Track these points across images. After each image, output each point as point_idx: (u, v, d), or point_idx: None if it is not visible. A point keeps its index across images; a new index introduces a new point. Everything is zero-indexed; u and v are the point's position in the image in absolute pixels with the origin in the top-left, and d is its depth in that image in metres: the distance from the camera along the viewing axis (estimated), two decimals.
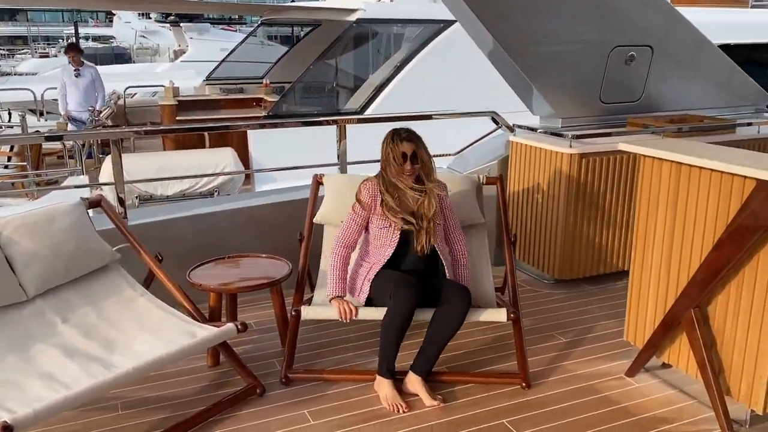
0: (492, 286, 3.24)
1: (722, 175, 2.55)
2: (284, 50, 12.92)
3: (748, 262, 2.49)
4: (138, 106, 11.31)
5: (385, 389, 2.81)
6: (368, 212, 3.01)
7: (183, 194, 7.08)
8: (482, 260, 3.36)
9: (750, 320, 2.51)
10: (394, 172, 2.98)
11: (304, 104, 8.54)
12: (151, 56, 30.88)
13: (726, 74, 4.83)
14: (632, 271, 3.05)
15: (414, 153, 2.97)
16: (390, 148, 2.99)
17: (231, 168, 7.23)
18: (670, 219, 2.82)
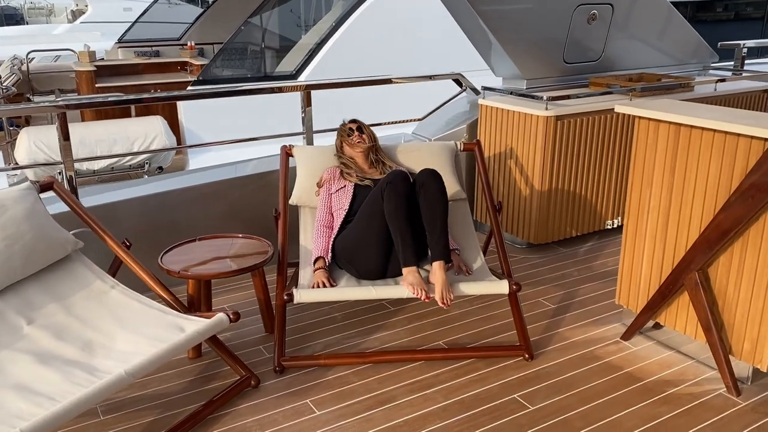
0: (483, 260, 3.14)
1: (726, 136, 2.53)
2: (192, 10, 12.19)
3: (754, 223, 2.50)
4: (44, 72, 10.38)
5: (410, 277, 2.77)
6: (328, 191, 3.17)
7: (111, 168, 6.58)
8: (469, 238, 3.24)
9: (755, 280, 2.53)
10: (347, 147, 3.28)
11: (236, 67, 8.07)
12: (46, 17, 28.55)
13: (678, 32, 4.88)
14: (625, 235, 3.03)
15: (359, 126, 3.31)
16: (339, 131, 3.36)
17: (161, 137, 6.75)
18: (667, 182, 2.79)
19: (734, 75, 4.98)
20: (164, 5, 12.36)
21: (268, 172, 3.82)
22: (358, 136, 3.26)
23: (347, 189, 3.15)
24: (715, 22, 11.22)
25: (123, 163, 6.64)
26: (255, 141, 4.13)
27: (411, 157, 3.40)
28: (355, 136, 3.26)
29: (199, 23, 10.66)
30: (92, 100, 3.60)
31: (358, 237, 2.93)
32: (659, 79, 4.48)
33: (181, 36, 10.68)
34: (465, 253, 3.16)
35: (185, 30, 10.75)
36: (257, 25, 8.44)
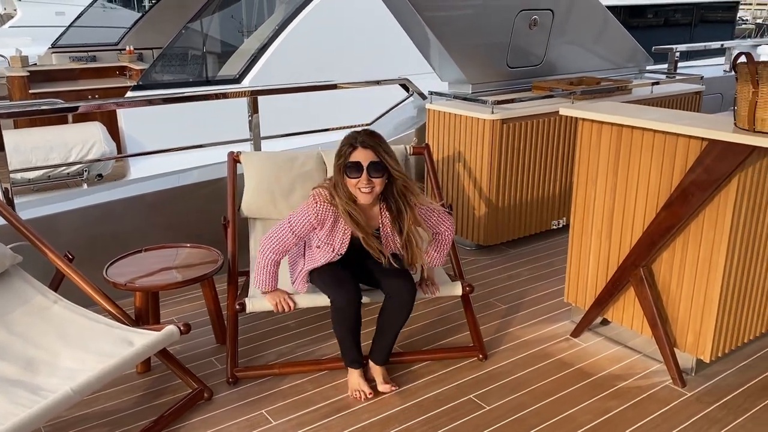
0: None
1: (665, 136, 2.62)
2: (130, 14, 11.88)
3: (694, 219, 2.60)
4: None
5: (351, 379, 2.67)
6: (313, 230, 2.59)
7: (48, 177, 6.33)
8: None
9: (696, 275, 2.63)
10: (344, 189, 2.51)
11: (177, 72, 7.89)
12: None
13: (615, 37, 5.05)
14: (572, 235, 3.10)
15: (373, 164, 2.44)
16: (339, 155, 2.51)
17: (100, 144, 6.56)
18: (611, 182, 2.87)
19: (668, 78, 5.18)
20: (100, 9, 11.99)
21: (216, 180, 3.75)
22: (367, 182, 2.44)
23: (345, 232, 2.56)
24: (646, 28, 11.65)
25: (60, 172, 6.40)
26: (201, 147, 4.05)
27: None
28: (362, 181, 2.44)
29: (138, 28, 10.39)
30: (27, 108, 3.46)
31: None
32: (599, 83, 4.62)
33: (118, 40, 10.39)
34: None
35: (123, 34, 10.46)
36: (197, 30, 8.28)
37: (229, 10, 8.68)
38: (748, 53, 2.31)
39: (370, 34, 8.18)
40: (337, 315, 2.59)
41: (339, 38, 8.14)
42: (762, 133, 2.27)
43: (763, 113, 2.26)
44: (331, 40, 8.12)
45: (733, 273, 2.59)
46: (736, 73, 2.34)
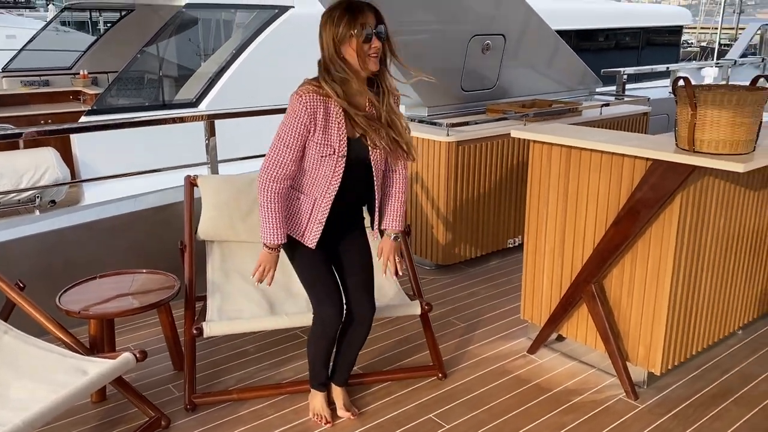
0: (396, 284, 3.18)
1: (612, 157, 2.72)
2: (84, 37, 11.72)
3: (641, 236, 2.69)
4: None
5: (314, 402, 2.66)
6: (307, 133, 2.26)
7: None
8: None
9: (645, 290, 2.73)
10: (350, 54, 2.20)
11: (133, 96, 7.81)
12: None
13: (565, 60, 5.21)
14: (526, 253, 3.17)
15: (379, 26, 2.20)
16: (344, 24, 2.17)
17: (53, 169, 6.42)
18: (561, 201, 2.96)
19: (617, 99, 5.37)
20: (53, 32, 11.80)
21: (172, 204, 3.72)
22: (376, 48, 2.21)
23: (337, 157, 2.28)
24: (597, 51, 12.03)
25: (11, 198, 6.24)
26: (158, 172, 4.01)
27: None
28: (375, 43, 2.20)
29: (92, 51, 10.26)
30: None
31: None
32: (550, 105, 4.75)
33: (72, 64, 10.24)
34: (378, 278, 3.19)
35: (77, 58, 10.32)
36: (154, 54, 8.23)
37: (187, 33, 8.65)
38: (686, 77, 2.43)
39: None
40: (321, 329, 2.48)
41: (298, 61, 8.17)
42: (701, 153, 2.39)
43: (702, 134, 2.38)
44: (290, 63, 8.16)
45: (680, 287, 2.69)
46: (676, 96, 2.45)
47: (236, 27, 8.63)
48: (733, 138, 2.34)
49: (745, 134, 2.35)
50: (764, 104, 2.38)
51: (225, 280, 3.07)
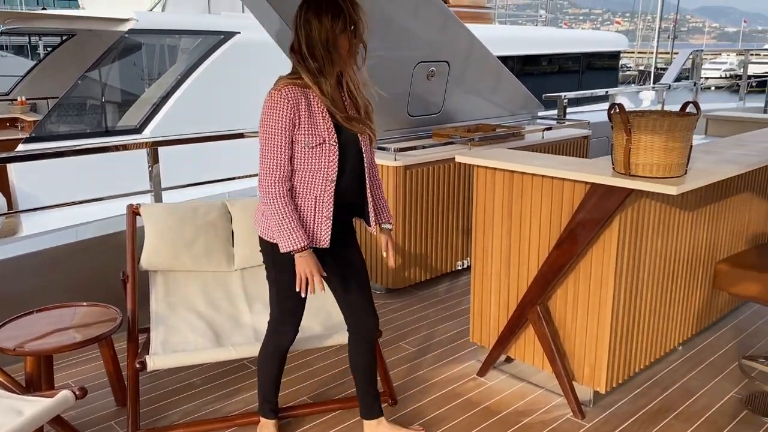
0: None
1: (553, 181, 2.80)
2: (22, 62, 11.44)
3: (583, 257, 2.76)
4: None
5: (265, 431, 2.60)
6: (293, 127, 2.17)
7: None
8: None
9: (588, 309, 2.79)
10: (343, 47, 2.16)
11: (74, 122, 7.63)
12: None
13: (508, 86, 5.35)
14: (473, 276, 3.21)
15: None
16: (348, 17, 2.14)
17: None
18: (506, 224, 3.02)
19: (558, 123, 5.53)
20: None
21: (114, 234, 3.63)
22: (364, 44, 2.26)
23: (328, 145, 2.21)
24: (541, 75, 12.41)
25: None
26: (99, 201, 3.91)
27: None
28: (363, 42, 2.24)
29: (31, 77, 10.01)
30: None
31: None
32: (494, 129, 4.86)
33: (10, 90, 9.95)
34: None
35: (15, 83, 10.04)
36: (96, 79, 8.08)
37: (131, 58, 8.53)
38: (620, 104, 2.53)
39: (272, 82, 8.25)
40: (273, 347, 2.47)
41: (244, 86, 8.15)
42: (637, 177, 2.47)
43: (637, 159, 2.47)
44: (236, 89, 8.13)
45: (621, 306, 2.77)
46: (611, 122, 2.55)
47: (181, 52, 8.56)
48: (666, 161, 2.44)
49: (677, 158, 2.45)
50: (693, 129, 2.49)
51: (169, 311, 3.00)
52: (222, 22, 8.32)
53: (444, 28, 4.65)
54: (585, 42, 13.40)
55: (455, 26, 4.88)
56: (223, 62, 8.17)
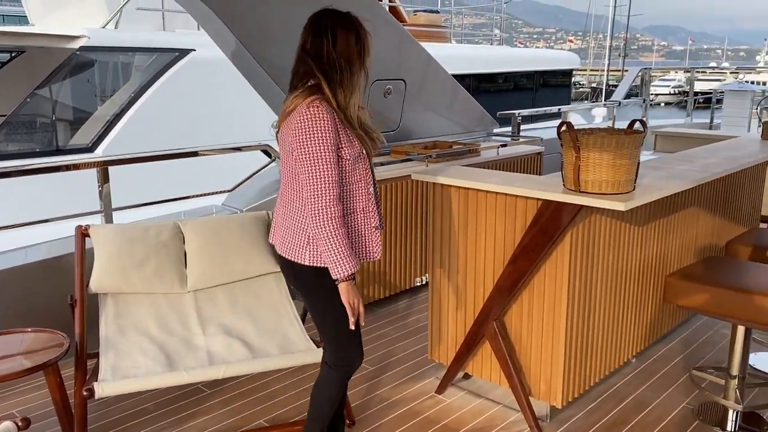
0: (302, 328, 3.13)
1: (506, 198, 2.83)
2: None
3: (537, 273, 2.80)
4: None
5: None
6: (339, 141, 2.12)
7: None
8: (284, 310, 3.21)
9: (543, 324, 2.82)
10: (356, 79, 2.16)
11: (23, 141, 7.41)
12: None
13: (464, 104, 5.42)
14: (431, 294, 3.22)
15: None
16: (357, 33, 2.16)
17: None
18: (462, 241, 3.03)
19: (513, 140, 5.62)
20: None
21: (62, 256, 3.52)
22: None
23: (363, 154, 2.21)
24: (497, 92, 12.62)
25: None
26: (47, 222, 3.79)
27: (220, 232, 3.33)
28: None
29: None
30: None
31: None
32: (451, 146, 4.91)
33: None
34: (282, 326, 3.13)
35: None
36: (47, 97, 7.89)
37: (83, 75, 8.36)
38: (569, 123, 2.58)
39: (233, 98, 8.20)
40: (341, 381, 2.37)
41: (201, 104, 8.07)
42: (586, 193, 2.52)
43: (586, 175, 2.51)
44: (193, 106, 8.04)
45: (575, 320, 2.80)
46: (561, 140, 2.59)
47: (135, 70, 8.43)
48: (614, 178, 2.49)
49: (625, 174, 2.51)
50: (640, 146, 2.55)
51: (119, 335, 2.91)
52: (177, 39, 8.22)
53: (400, 47, 4.70)
54: (539, 60, 13.70)
55: (411, 45, 4.94)
56: (178, 80, 8.07)
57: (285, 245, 2.24)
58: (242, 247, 3.32)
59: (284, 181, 2.24)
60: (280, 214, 2.28)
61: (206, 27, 4.11)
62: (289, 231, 2.22)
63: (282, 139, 2.20)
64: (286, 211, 2.24)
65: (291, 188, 2.20)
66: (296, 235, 2.20)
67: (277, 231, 2.30)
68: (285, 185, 2.24)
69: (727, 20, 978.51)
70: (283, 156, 2.22)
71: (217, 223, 3.38)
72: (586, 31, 60.31)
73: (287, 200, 2.23)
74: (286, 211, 2.24)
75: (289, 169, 2.17)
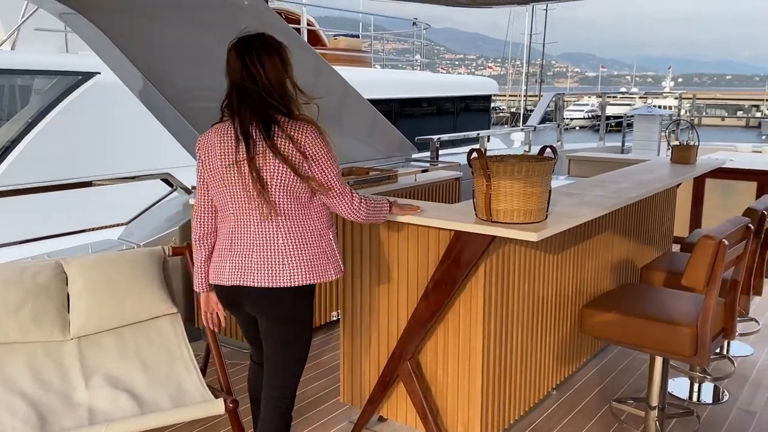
0: (199, 377, 2.85)
1: (418, 228, 2.67)
2: None
3: (451, 308, 2.64)
4: None
5: None
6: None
7: None
8: (179, 356, 2.92)
9: (459, 363, 2.66)
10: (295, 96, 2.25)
11: None
12: None
13: (381, 129, 5.29)
14: (342, 331, 3.01)
15: None
16: (279, 54, 2.22)
17: None
18: (375, 275, 2.85)
19: (431, 165, 5.52)
20: None
21: None
22: None
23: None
24: (420, 116, 12.67)
25: None
26: None
27: (109, 271, 3.01)
28: None
29: None
30: None
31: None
32: (368, 173, 4.74)
33: None
34: (177, 374, 2.83)
35: None
36: None
37: None
38: (479, 149, 2.45)
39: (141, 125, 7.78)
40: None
41: (105, 130, 7.62)
42: (498, 223, 2.39)
43: (497, 204, 2.39)
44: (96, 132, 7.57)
45: (491, 357, 2.66)
46: (471, 167, 2.46)
47: (35, 93, 7.89)
48: (526, 207, 2.38)
49: (536, 203, 2.40)
50: (551, 173, 2.46)
51: None
52: (80, 62, 7.76)
53: (316, 73, 4.53)
54: (459, 86, 13.89)
55: (327, 70, 4.79)
56: (81, 104, 7.59)
57: (290, 266, 2.17)
58: (135, 286, 3.02)
59: (268, 209, 2.14)
60: (276, 246, 2.16)
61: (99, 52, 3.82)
62: (306, 256, 2.18)
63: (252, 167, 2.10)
64: (285, 240, 2.16)
65: (293, 212, 2.17)
66: (296, 253, 2.17)
67: (263, 267, 2.16)
68: (269, 213, 2.14)
69: (634, 48, 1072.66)
70: (264, 183, 2.12)
71: (105, 260, 3.06)
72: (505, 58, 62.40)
73: (284, 228, 2.17)
74: (286, 240, 2.16)
75: (287, 192, 2.14)
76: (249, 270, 2.17)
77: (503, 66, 70.35)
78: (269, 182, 2.10)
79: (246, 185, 2.11)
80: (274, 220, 2.15)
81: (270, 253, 2.16)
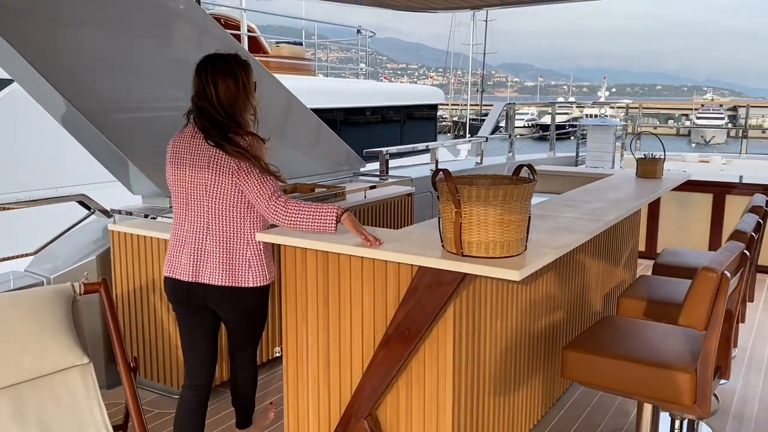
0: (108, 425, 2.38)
1: (374, 261, 2.28)
2: None
3: (415, 355, 2.25)
4: None
5: None
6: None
7: None
8: (94, 410, 2.45)
9: (425, 419, 2.27)
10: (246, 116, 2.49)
11: None
12: None
13: (327, 142, 4.89)
14: (286, 379, 2.58)
15: None
16: (236, 76, 2.43)
17: None
18: (323, 316, 2.44)
19: (381, 180, 5.14)
20: None
21: None
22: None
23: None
24: (366, 125, 12.33)
25: None
26: None
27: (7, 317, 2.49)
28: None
29: None
30: None
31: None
32: (313, 189, 4.32)
33: None
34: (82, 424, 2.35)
35: None
36: None
37: None
38: (445, 170, 2.07)
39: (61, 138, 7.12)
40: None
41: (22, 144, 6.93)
42: (471, 258, 2.02)
43: (470, 236, 2.02)
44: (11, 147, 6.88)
45: (463, 408, 2.29)
46: (437, 191, 2.09)
47: None
48: (503, 238, 2.02)
49: (515, 233, 2.04)
50: (531, 197, 2.11)
51: None
52: None
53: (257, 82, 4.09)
54: (405, 95, 13.64)
55: (268, 79, 4.38)
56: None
57: (228, 275, 2.35)
58: (36, 334, 2.51)
59: (211, 216, 2.36)
60: (212, 246, 2.36)
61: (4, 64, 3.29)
62: (233, 260, 2.36)
63: (198, 178, 2.35)
64: (220, 240, 2.36)
65: (226, 218, 2.36)
66: (239, 262, 2.37)
67: (208, 263, 2.36)
68: (213, 218, 2.36)
69: (569, 59, 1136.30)
70: (207, 191, 2.36)
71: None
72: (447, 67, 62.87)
73: (217, 230, 2.36)
74: (220, 240, 2.36)
75: (223, 199, 2.35)
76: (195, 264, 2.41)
77: (445, 75, 71.00)
78: (210, 190, 2.33)
79: (189, 191, 2.35)
80: (217, 220, 2.38)
81: (203, 249, 2.42)
